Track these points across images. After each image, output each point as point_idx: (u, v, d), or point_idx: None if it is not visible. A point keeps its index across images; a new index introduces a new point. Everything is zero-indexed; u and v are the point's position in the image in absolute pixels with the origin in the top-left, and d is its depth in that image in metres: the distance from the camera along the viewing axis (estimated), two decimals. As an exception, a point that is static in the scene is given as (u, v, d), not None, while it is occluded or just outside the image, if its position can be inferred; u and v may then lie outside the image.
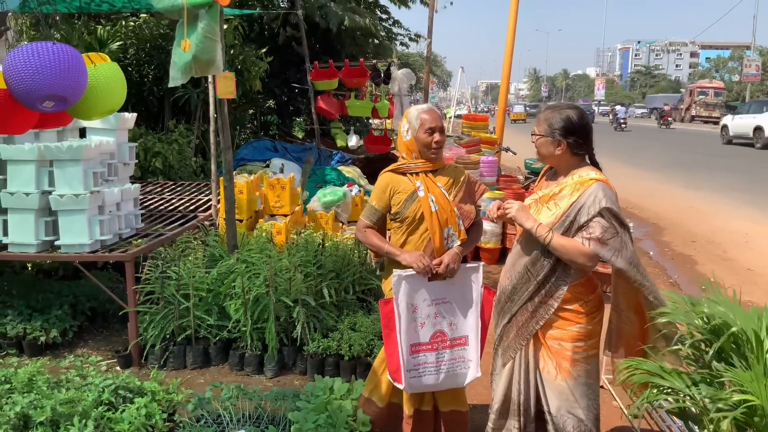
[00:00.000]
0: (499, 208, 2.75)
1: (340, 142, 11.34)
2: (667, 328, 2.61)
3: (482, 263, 3.12)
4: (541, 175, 2.94)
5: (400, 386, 2.98)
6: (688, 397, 2.33)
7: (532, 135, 2.77)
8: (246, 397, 3.46)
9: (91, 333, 5.07)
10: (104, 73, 2.53)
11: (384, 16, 15.97)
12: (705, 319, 2.46)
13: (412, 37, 17.19)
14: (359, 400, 3.36)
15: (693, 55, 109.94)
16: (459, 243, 3.01)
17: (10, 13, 6.21)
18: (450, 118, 25.61)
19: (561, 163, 2.72)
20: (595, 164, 2.74)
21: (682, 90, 58.14)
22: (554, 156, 2.70)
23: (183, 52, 3.63)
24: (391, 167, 3.15)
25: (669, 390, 2.39)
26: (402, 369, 2.95)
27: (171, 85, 3.96)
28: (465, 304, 3.04)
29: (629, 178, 13.70)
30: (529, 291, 2.71)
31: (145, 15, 9.20)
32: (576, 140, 2.65)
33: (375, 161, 10.86)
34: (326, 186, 7.57)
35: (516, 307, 2.76)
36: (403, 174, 3.08)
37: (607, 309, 2.87)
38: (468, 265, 3.06)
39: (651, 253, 8.12)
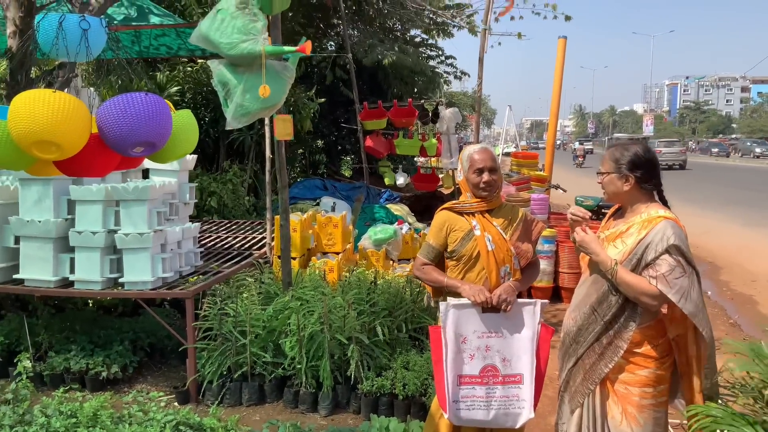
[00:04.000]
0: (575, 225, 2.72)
1: (388, 181, 11.45)
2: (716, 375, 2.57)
3: (543, 300, 3.06)
4: (608, 216, 2.89)
5: (445, 415, 2.95)
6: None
7: (598, 174, 2.74)
8: (302, 435, 3.48)
9: (149, 368, 5.18)
10: (182, 120, 2.66)
11: (433, 53, 16.11)
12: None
13: (458, 75, 17.23)
14: None
15: (744, 90, 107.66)
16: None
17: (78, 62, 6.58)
18: (498, 155, 25.57)
19: (629, 200, 2.67)
20: (663, 202, 2.70)
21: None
22: (622, 192, 2.65)
23: (263, 97, 3.77)
24: (447, 205, 3.17)
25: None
26: (447, 399, 2.93)
27: (229, 128, 4.10)
28: (519, 340, 2.97)
29: (683, 216, 13.37)
30: (595, 332, 2.63)
31: (201, 61, 9.59)
32: (643, 174, 2.62)
33: (423, 199, 10.94)
34: (375, 224, 7.64)
35: (582, 350, 2.68)
36: (460, 213, 3.10)
37: None
38: (524, 300, 3.01)
39: (709, 292, 7.87)
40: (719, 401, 2.53)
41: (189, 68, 9.64)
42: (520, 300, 3.00)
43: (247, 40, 3.74)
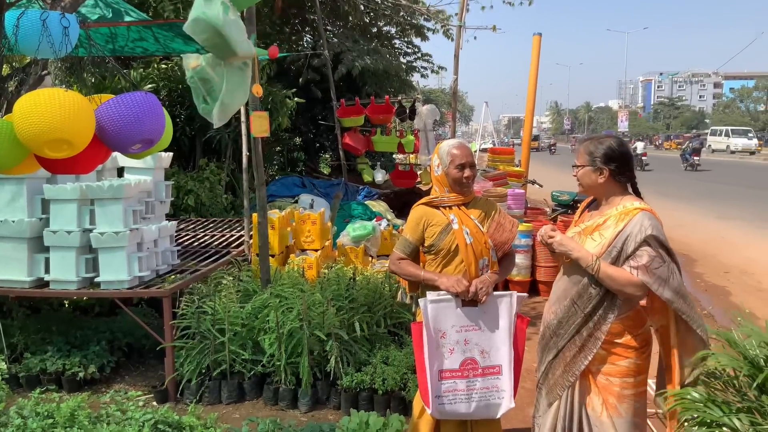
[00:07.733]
0: (549, 236, 2.71)
1: (366, 177, 11.45)
2: (701, 366, 2.55)
3: (521, 293, 3.10)
4: (582, 208, 2.93)
5: (428, 410, 2.98)
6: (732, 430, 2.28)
7: (573, 168, 2.78)
8: (281, 431, 3.49)
9: (127, 368, 5.14)
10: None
11: (408, 50, 16.09)
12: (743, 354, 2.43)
13: (435, 69, 17.17)
14: None
15: (717, 85, 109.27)
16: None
17: (51, 59, 6.48)
18: (475, 151, 25.70)
19: (604, 193, 2.71)
20: (637, 194, 2.74)
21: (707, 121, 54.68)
22: (597, 185, 2.70)
23: (256, 95, 3.77)
24: (423, 200, 3.20)
25: (715, 423, 2.34)
26: (429, 394, 2.96)
27: (218, 125, 4.06)
28: (497, 332, 3.02)
29: (657, 209, 13.59)
30: (576, 324, 2.66)
31: (176, 58, 9.49)
32: (617, 167, 2.66)
33: (401, 195, 10.96)
34: (354, 220, 7.64)
35: (563, 342, 2.71)
36: (437, 207, 3.13)
37: (655, 345, 2.80)
38: (499, 293, 3.06)
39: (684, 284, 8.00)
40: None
41: (164, 65, 9.54)
42: (496, 292, 3.05)
43: (245, 40, 3.68)
